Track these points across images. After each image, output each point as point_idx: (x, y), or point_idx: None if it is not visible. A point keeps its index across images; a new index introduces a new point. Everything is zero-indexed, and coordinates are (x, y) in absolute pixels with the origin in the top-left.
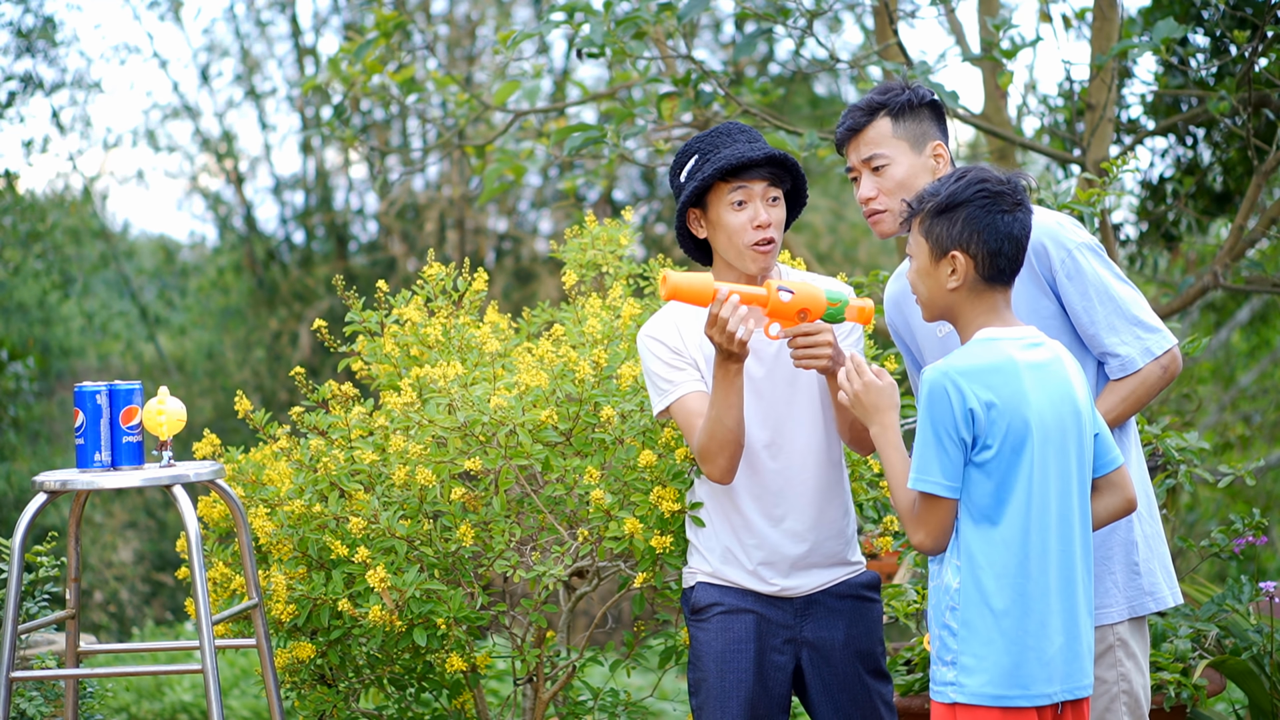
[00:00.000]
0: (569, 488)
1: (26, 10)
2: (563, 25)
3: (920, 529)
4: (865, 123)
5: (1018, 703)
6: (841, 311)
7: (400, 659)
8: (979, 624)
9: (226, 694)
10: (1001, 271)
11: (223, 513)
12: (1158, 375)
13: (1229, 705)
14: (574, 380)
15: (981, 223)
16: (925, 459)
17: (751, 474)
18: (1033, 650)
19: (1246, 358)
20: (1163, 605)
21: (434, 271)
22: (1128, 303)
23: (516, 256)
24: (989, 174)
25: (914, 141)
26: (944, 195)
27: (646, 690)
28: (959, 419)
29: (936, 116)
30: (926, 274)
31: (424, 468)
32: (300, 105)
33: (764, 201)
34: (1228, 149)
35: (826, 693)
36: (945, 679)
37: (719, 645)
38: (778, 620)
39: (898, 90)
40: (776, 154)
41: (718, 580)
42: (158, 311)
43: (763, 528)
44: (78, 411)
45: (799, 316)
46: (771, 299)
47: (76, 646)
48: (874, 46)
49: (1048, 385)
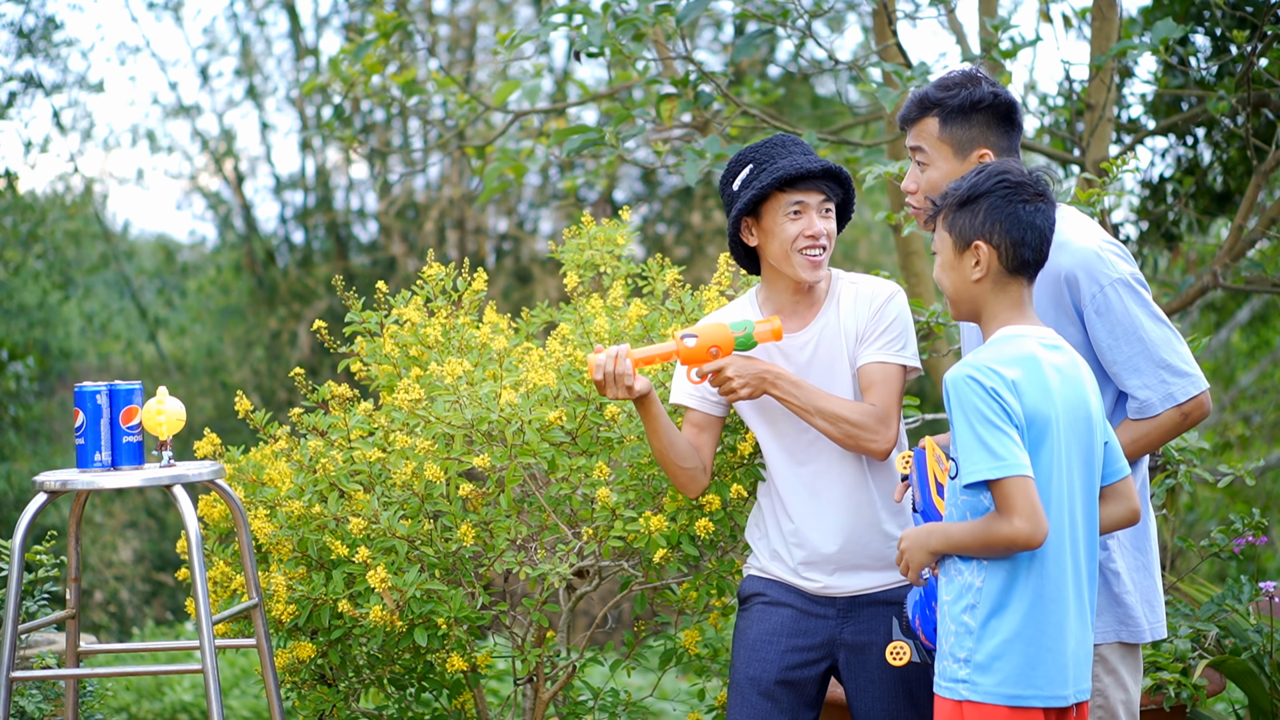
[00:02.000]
0: (574, 487)
1: (28, 10)
2: (562, 27)
3: (1015, 517)
4: (916, 117)
5: (1032, 703)
6: (750, 337)
7: (400, 659)
8: (997, 622)
9: (226, 694)
10: (1025, 262)
11: (223, 513)
12: (1176, 421)
13: (1229, 705)
14: (581, 380)
15: (1003, 213)
16: (987, 447)
17: (788, 475)
18: (1050, 651)
19: (1246, 358)
20: (1139, 639)
21: (433, 272)
22: (1157, 344)
23: (516, 256)
24: (1010, 166)
25: (958, 146)
26: (965, 188)
27: (646, 690)
28: (1000, 398)
29: (995, 119)
30: (951, 267)
31: (432, 463)
32: (300, 105)
33: (819, 212)
34: (1228, 149)
35: (863, 697)
36: (956, 676)
37: (752, 634)
38: (819, 617)
39: (957, 89)
40: (833, 167)
41: (766, 575)
42: (158, 311)
43: (800, 526)
44: (78, 411)
45: (710, 354)
46: (680, 348)
47: (76, 646)
48: (873, 47)
49: (1066, 386)
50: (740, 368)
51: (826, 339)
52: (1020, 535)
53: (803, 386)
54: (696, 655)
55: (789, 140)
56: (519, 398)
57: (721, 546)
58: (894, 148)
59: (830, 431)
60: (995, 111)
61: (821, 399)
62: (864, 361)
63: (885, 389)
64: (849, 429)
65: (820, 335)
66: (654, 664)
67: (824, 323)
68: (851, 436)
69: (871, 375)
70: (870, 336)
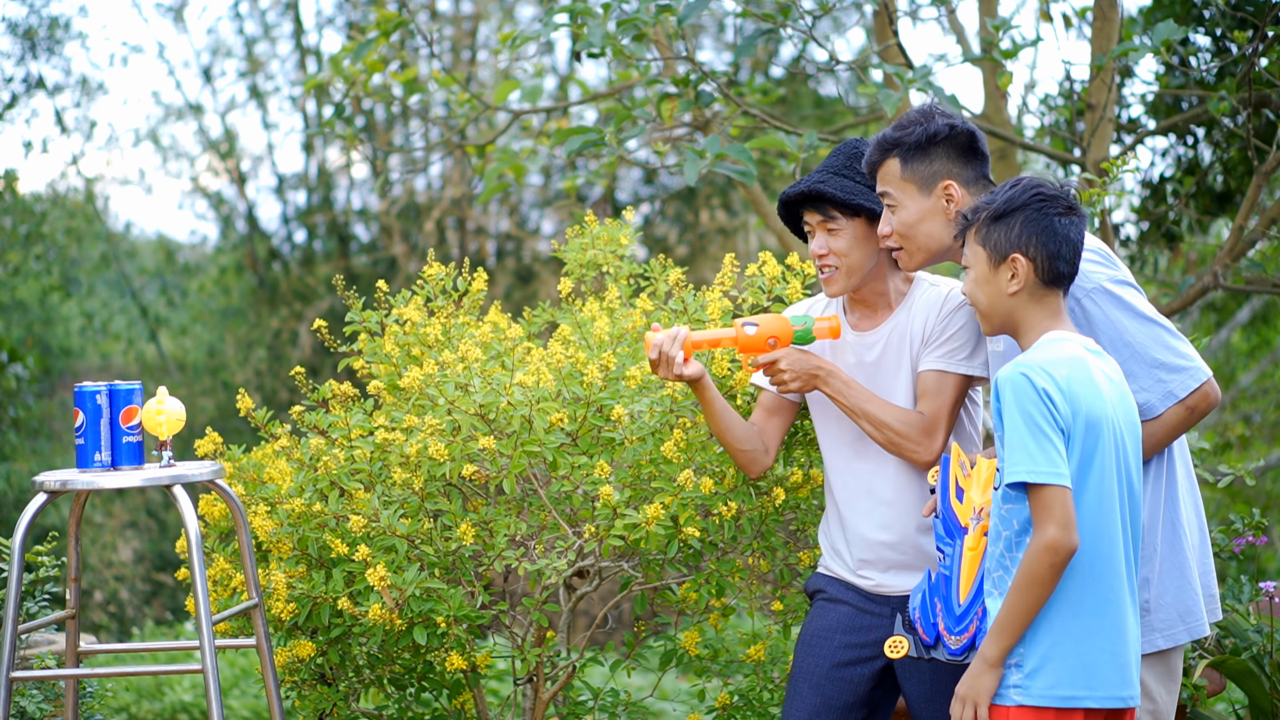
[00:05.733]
0: (576, 485)
1: (31, 11)
2: (563, 27)
3: (1051, 524)
4: (878, 160)
5: (1085, 703)
6: (810, 332)
7: (400, 658)
8: (1048, 626)
9: (226, 694)
10: (1060, 275)
11: (223, 512)
12: (1182, 416)
13: (1229, 705)
14: (581, 382)
15: (1039, 225)
16: (1032, 452)
17: (843, 469)
18: (1108, 653)
19: (1246, 358)
20: (1173, 642)
21: (434, 271)
22: (1145, 345)
23: (518, 256)
24: (1042, 180)
25: (922, 182)
26: (1000, 202)
27: (646, 690)
28: (1051, 402)
29: (955, 150)
30: (985, 281)
31: (437, 440)
32: (302, 104)
33: (823, 231)
34: (1228, 149)
35: (919, 697)
36: (1008, 682)
37: (811, 629)
38: (874, 615)
39: (912, 127)
40: (804, 191)
41: (828, 572)
42: (158, 311)
43: (855, 523)
44: (78, 411)
45: (769, 345)
46: (739, 335)
47: (76, 646)
48: (874, 47)
49: (1114, 389)
50: (793, 361)
51: (894, 341)
52: (1056, 542)
53: (853, 386)
54: (697, 656)
55: (832, 155)
56: (522, 392)
57: (721, 547)
58: None
59: (875, 436)
60: (954, 143)
61: (869, 402)
62: (922, 368)
63: (938, 399)
64: (893, 436)
65: (889, 336)
66: (654, 664)
67: (895, 324)
68: (894, 444)
69: (926, 383)
70: (933, 342)
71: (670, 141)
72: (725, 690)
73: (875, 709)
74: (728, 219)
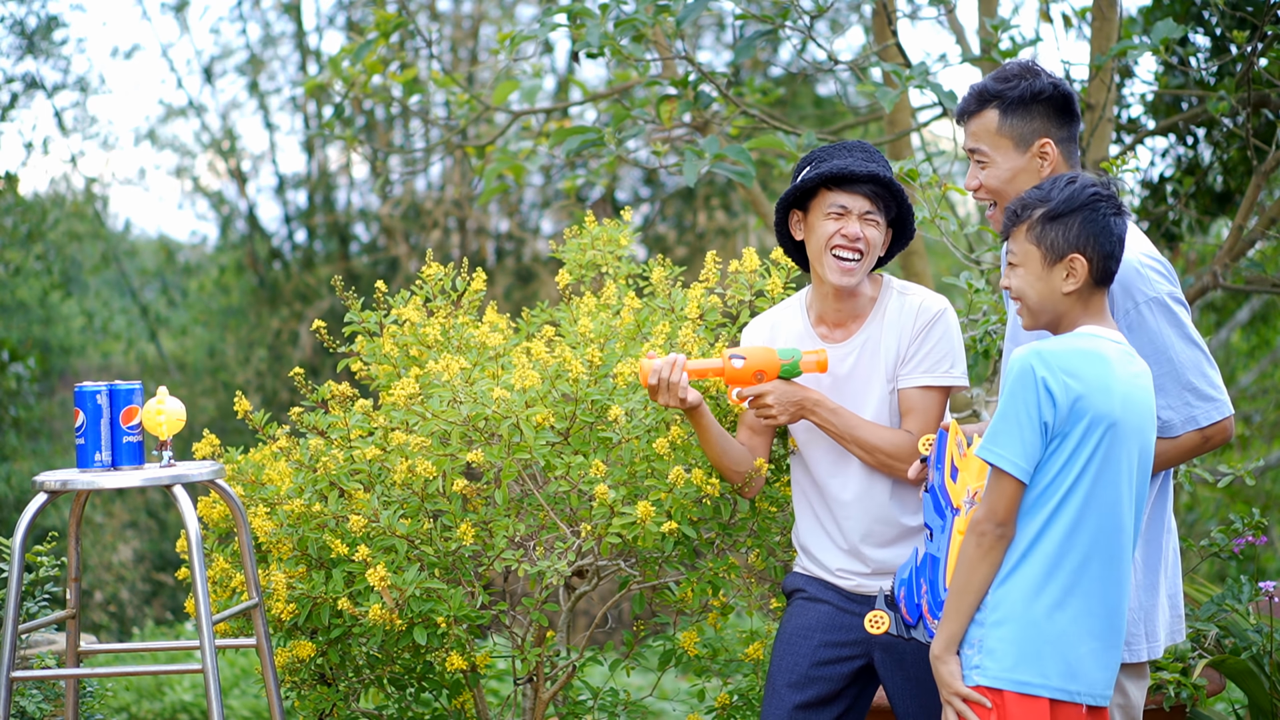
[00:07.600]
0: (572, 484)
1: (30, 11)
2: (562, 28)
3: (986, 506)
4: (975, 110)
5: (1082, 700)
6: (797, 365)
7: (400, 658)
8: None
9: (226, 694)
10: (1109, 274)
11: (223, 512)
12: (1197, 443)
13: (1229, 705)
14: (569, 380)
15: (1098, 226)
16: (1000, 433)
17: (824, 479)
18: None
19: (1246, 358)
20: (1134, 658)
21: (433, 272)
22: (1185, 366)
23: (518, 256)
24: (1095, 179)
25: (1019, 139)
26: (1057, 201)
27: (646, 690)
28: (1046, 394)
29: (1054, 110)
30: (1039, 279)
31: (425, 459)
32: (303, 105)
33: (861, 218)
34: (1228, 149)
35: (902, 695)
36: (971, 663)
37: (790, 628)
38: (855, 614)
39: (1016, 80)
40: (881, 174)
41: (806, 571)
42: (158, 311)
43: (832, 526)
44: (78, 411)
45: (755, 378)
46: (726, 367)
47: (77, 646)
48: (874, 47)
49: (1133, 391)
50: (781, 394)
51: (866, 355)
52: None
53: (839, 414)
54: (696, 656)
55: (856, 145)
56: (512, 395)
57: (719, 546)
58: (894, 148)
59: (866, 459)
60: (1054, 103)
61: (858, 428)
62: (905, 385)
63: (924, 416)
64: (884, 459)
65: (861, 350)
66: (654, 664)
67: (866, 337)
68: (886, 466)
69: (911, 401)
70: (912, 359)
71: (669, 142)
72: (725, 690)
73: (852, 706)
74: (727, 219)
